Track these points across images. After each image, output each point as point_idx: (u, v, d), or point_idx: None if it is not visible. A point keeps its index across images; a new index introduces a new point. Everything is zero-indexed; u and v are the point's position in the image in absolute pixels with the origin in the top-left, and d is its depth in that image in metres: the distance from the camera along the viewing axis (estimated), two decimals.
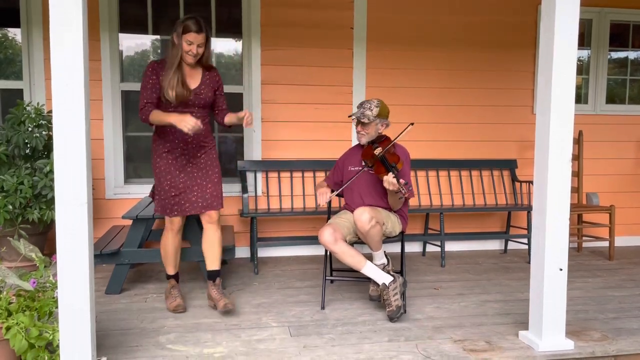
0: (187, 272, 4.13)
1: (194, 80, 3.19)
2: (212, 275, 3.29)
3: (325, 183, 3.64)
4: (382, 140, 3.33)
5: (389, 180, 3.00)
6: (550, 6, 2.57)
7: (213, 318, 3.14)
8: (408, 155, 3.42)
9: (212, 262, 3.28)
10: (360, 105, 3.33)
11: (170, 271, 3.40)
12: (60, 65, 2.21)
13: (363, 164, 3.31)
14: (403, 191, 2.98)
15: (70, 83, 2.23)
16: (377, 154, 3.21)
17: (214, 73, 3.29)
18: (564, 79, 2.58)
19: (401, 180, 3.00)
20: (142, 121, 3.12)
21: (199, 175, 3.23)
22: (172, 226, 3.25)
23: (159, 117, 3.06)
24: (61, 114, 2.24)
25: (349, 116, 3.43)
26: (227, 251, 3.71)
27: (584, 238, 5.08)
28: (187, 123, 2.89)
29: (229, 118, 3.29)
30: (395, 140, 3.26)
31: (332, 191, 3.58)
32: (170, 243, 3.31)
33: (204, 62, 3.21)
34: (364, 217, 3.06)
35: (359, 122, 3.31)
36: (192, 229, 3.71)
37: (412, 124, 3.30)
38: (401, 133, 3.24)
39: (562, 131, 2.60)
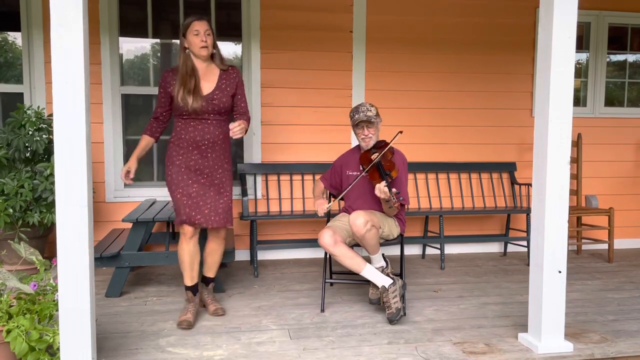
0: None
1: (209, 84, 3.07)
2: (206, 281, 3.35)
3: (321, 184, 3.63)
4: (380, 145, 3.32)
5: (381, 188, 2.99)
6: (549, 3, 2.58)
7: (213, 321, 3.14)
8: (406, 162, 3.41)
9: (209, 269, 3.32)
10: (357, 111, 3.29)
11: (187, 282, 3.17)
12: (61, 68, 2.23)
13: (361, 168, 3.30)
14: (393, 200, 2.95)
15: (70, 86, 2.24)
16: (373, 159, 3.20)
17: (232, 74, 3.15)
18: (563, 74, 2.58)
19: (393, 190, 2.97)
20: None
21: (213, 189, 3.11)
22: (185, 232, 3.09)
23: (139, 143, 3.24)
24: (62, 117, 2.25)
25: (355, 124, 3.31)
26: (227, 254, 3.71)
27: (583, 240, 5.09)
28: (123, 172, 3.17)
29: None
30: (389, 146, 3.24)
31: (332, 197, 3.59)
32: (184, 251, 3.12)
33: (217, 62, 3.11)
34: (359, 221, 3.07)
35: (366, 125, 3.28)
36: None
37: (401, 132, 3.27)
38: (391, 140, 3.24)
39: (560, 133, 2.61)
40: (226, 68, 3.15)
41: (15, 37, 4.46)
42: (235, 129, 2.94)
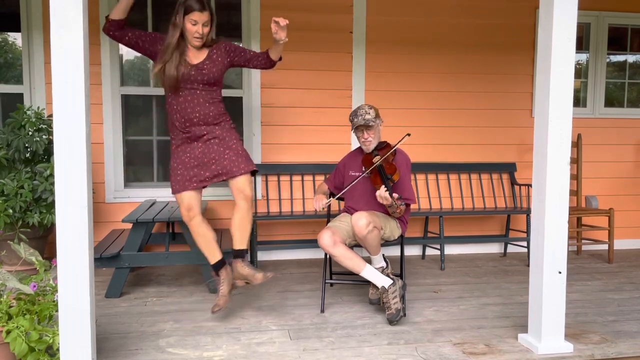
0: (188, 275, 4.13)
1: (199, 57, 3.02)
2: (241, 254, 3.08)
3: (325, 185, 3.65)
4: (382, 146, 3.31)
5: (381, 194, 2.97)
6: (549, 4, 2.58)
7: (213, 321, 3.14)
8: (409, 161, 3.40)
9: (241, 241, 3.08)
10: (355, 115, 3.28)
11: (210, 260, 3.10)
12: (61, 68, 2.23)
13: (363, 169, 3.30)
14: (395, 205, 2.96)
15: (70, 86, 2.24)
16: (375, 162, 3.19)
17: (220, 45, 3.10)
18: (563, 74, 2.58)
19: (394, 195, 2.97)
20: (107, 23, 2.99)
21: (217, 143, 3.04)
22: (188, 213, 3.04)
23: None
24: (62, 118, 2.25)
25: (354, 128, 3.29)
26: (227, 254, 3.71)
27: (583, 241, 5.09)
28: None
29: (272, 52, 3.11)
30: (393, 149, 3.23)
31: (332, 195, 3.59)
32: (193, 234, 3.09)
33: (206, 42, 3.05)
34: (361, 222, 3.06)
35: (365, 128, 3.27)
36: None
37: (409, 134, 3.27)
38: (398, 143, 3.25)
39: (560, 133, 2.61)
40: (214, 43, 3.09)
41: (15, 38, 4.46)
42: (281, 22, 2.93)
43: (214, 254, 3.13)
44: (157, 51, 3.03)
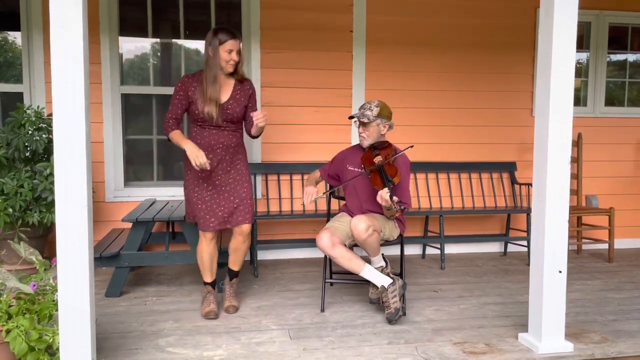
0: (187, 274, 4.13)
1: (224, 94, 3.20)
2: (230, 274, 3.44)
3: (318, 173, 3.60)
4: (384, 146, 3.27)
5: (382, 195, 2.94)
6: (549, 4, 2.58)
7: (213, 321, 3.14)
8: (408, 163, 3.38)
9: (233, 263, 3.40)
10: (361, 107, 3.31)
11: (207, 279, 3.35)
12: (61, 67, 2.23)
13: (362, 167, 3.28)
14: (395, 208, 2.93)
15: (70, 86, 2.23)
16: (376, 162, 3.16)
17: (246, 85, 3.29)
18: (563, 74, 2.58)
19: (394, 198, 2.93)
20: (164, 134, 3.24)
21: (227, 190, 3.24)
22: (205, 235, 3.24)
23: (177, 139, 3.15)
24: (61, 117, 2.25)
25: (350, 117, 3.39)
26: (226, 254, 3.71)
27: (583, 240, 5.09)
28: (197, 159, 3.01)
29: (253, 129, 3.27)
30: (395, 157, 3.19)
31: (328, 189, 3.56)
32: (204, 252, 3.28)
33: (238, 69, 3.22)
34: (360, 226, 3.05)
35: (360, 123, 3.29)
36: (192, 231, 3.69)
37: (412, 146, 3.31)
38: (401, 152, 3.27)
39: (560, 132, 2.61)
40: (241, 80, 3.27)
41: (15, 37, 4.46)
42: (258, 115, 3.09)
43: (213, 274, 3.37)
44: (195, 97, 3.16)
